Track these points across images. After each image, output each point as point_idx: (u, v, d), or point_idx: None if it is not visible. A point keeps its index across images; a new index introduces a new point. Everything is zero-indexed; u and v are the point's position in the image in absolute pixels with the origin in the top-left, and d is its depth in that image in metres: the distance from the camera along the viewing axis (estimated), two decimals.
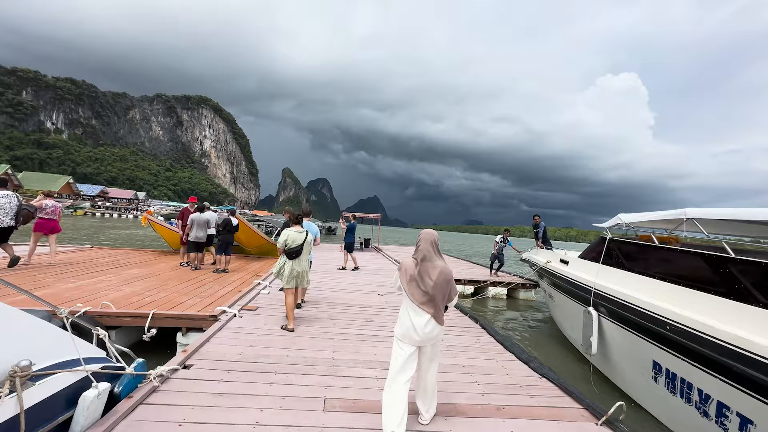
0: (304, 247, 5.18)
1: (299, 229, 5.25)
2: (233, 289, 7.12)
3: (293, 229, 5.22)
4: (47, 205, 8.38)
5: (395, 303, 7.26)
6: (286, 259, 5.10)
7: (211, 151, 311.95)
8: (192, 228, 8.96)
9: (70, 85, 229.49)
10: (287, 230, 5.18)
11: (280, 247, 5.11)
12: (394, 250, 21.52)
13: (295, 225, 5.33)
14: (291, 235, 5.10)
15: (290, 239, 5.07)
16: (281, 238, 5.11)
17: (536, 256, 9.34)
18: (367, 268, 12.40)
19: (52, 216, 8.46)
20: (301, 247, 5.12)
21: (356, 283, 9.18)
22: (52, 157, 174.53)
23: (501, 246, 12.66)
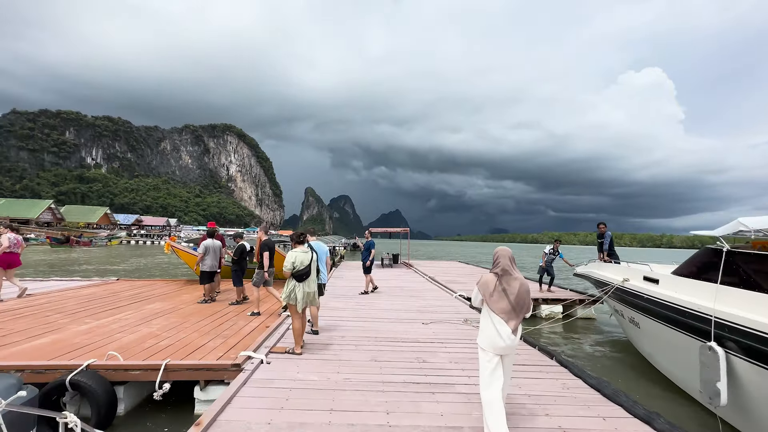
0: (312, 268, 5.05)
1: (304, 249, 5.05)
2: (260, 325, 6.30)
3: (299, 249, 5.01)
4: (10, 239, 7.78)
5: (444, 335, 6.20)
6: (295, 282, 4.90)
7: (236, 176, 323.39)
8: (206, 256, 8.13)
9: (107, 123, 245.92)
10: (293, 252, 4.94)
11: (287, 271, 4.85)
12: (426, 265, 20.34)
13: (298, 245, 5.09)
14: (298, 256, 4.89)
15: (297, 261, 4.86)
16: (288, 261, 4.85)
17: (600, 271, 8.03)
18: (401, 289, 11.37)
19: (14, 249, 7.87)
20: (309, 268, 4.98)
21: (394, 310, 8.17)
22: (92, 191, 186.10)
23: (550, 258, 11.34)
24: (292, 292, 4.88)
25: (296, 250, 4.99)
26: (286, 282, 4.99)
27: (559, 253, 11.44)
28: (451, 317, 7.53)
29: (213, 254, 8.15)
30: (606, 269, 7.74)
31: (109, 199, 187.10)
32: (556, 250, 11.43)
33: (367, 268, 10.52)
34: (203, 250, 8.03)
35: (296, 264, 4.85)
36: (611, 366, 6.99)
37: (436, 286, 12.29)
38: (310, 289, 4.99)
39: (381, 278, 14.15)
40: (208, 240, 8.28)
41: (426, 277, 14.63)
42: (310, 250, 5.17)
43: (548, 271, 11.43)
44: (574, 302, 10.46)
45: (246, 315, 7.03)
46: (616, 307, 7.19)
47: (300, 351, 4.89)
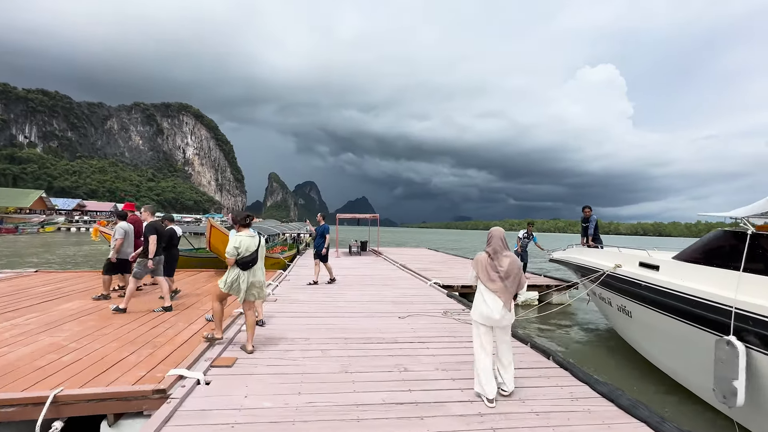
0: (260, 255, 4.47)
1: (251, 233, 4.43)
2: (204, 327, 5.19)
3: (244, 233, 4.37)
4: None
5: (424, 331, 5.44)
6: (239, 270, 4.30)
7: (194, 159, 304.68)
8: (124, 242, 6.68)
9: (42, 97, 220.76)
10: (238, 236, 4.30)
11: (230, 257, 4.23)
12: (396, 253, 19.68)
13: (243, 228, 4.43)
14: (244, 241, 4.28)
15: (243, 246, 4.25)
16: (231, 246, 4.22)
17: (584, 256, 7.62)
18: (372, 278, 10.53)
19: None
20: (256, 255, 4.39)
21: (366, 302, 7.31)
22: (26, 172, 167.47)
23: (524, 242, 10.93)
24: (234, 282, 4.28)
25: (241, 234, 4.34)
26: (227, 270, 4.33)
27: (533, 236, 11.07)
28: (429, 309, 6.80)
29: (128, 240, 6.78)
30: (592, 254, 7.32)
31: (46, 182, 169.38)
32: (530, 234, 11.00)
33: (322, 255, 9.19)
34: (122, 234, 6.62)
35: (241, 250, 4.23)
36: (597, 358, 6.62)
37: (409, 273, 11.59)
38: (256, 278, 4.40)
39: (349, 266, 13.26)
40: (124, 223, 6.85)
41: (397, 264, 13.91)
42: (257, 234, 4.50)
43: (522, 256, 11.00)
44: (550, 288, 10.17)
45: (189, 315, 5.86)
46: (603, 294, 6.80)
47: (251, 348, 4.31)
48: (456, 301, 7.53)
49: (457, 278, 10.58)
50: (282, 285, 8.86)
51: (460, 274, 11.68)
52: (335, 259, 15.77)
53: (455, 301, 7.54)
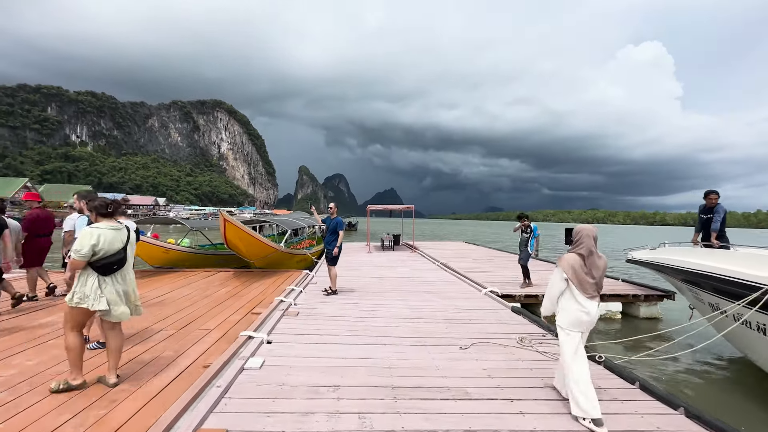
0: (129, 254, 3.36)
1: (114, 225, 3.27)
2: (205, 353, 3.80)
3: (105, 224, 3.21)
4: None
5: (501, 374, 3.75)
6: (97, 276, 3.09)
7: (228, 154, 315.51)
8: None
9: (90, 98, 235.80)
10: (94, 229, 3.11)
11: (80, 259, 3.02)
12: (432, 247, 17.89)
13: (104, 218, 3.26)
14: (104, 234, 3.12)
15: (103, 241, 3.09)
16: (85, 241, 3.03)
17: (701, 260, 5.57)
18: (412, 281, 8.91)
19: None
20: (124, 254, 3.26)
21: (410, 319, 5.69)
22: (79, 170, 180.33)
23: (523, 239, 8.33)
24: (94, 292, 3.04)
25: (102, 225, 3.18)
26: (77, 276, 3.08)
27: (534, 230, 8.31)
28: (496, 333, 5.09)
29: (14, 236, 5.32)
30: (722, 259, 5.26)
31: (96, 178, 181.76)
32: (526, 228, 8.31)
33: (334, 257, 7.22)
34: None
35: (99, 247, 3.06)
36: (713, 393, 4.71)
37: (454, 275, 9.85)
38: (125, 285, 3.26)
39: (384, 264, 11.72)
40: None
41: (437, 263, 12.18)
42: (124, 227, 3.34)
43: (519, 253, 8.47)
44: (638, 297, 8.10)
45: (186, 339, 4.52)
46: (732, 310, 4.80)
47: (114, 381, 3.18)
48: (528, 320, 5.75)
49: (511, 282, 8.74)
50: (307, 290, 7.44)
51: (510, 275, 9.80)
52: (367, 256, 14.30)
53: (527, 320, 5.76)
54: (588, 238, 3.05)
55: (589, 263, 2.98)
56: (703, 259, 5.66)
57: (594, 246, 3.03)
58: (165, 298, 6.56)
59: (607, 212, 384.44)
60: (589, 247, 3.01)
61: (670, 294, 7.97)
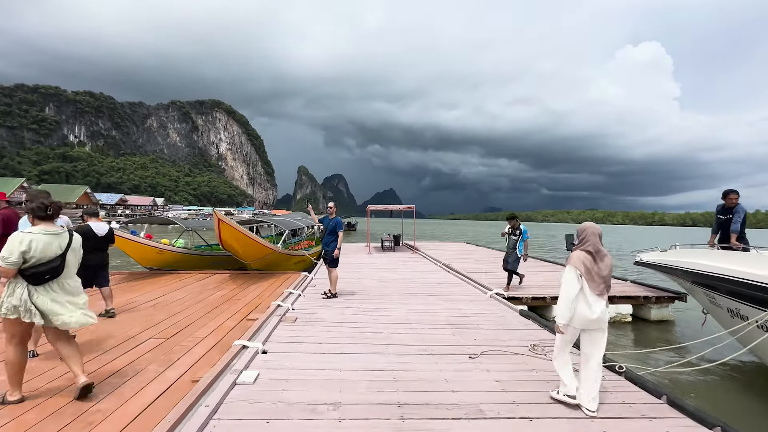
0: (71, 262, 2.97)
1: (53, 229, 2.91)
2: (195, 365, 3.50)
3: (40, 228, 2.85)
4: None
5: (516, 388, 3.46)
6: (27, 285, 2.74)
7: (227, 154, 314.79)
8: None
9: (88, 98, 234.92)
10: (26, 234, 2.77)
11: (8, 267, 2.68)
12: (432, 248, 17.59)
13: (43, 222, 2.92)
14: (37, 239, 2.77)
15: (35, 248, 2.74)
16: (14, 247, 2.69)
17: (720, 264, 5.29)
18: (414, 283, 8.61)
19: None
20: (63, 261, 2.88)
21: (414, 325, 5.40)
22: (77, 170, 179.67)
23: (511, 242, 7.76)
24: (23, 304, 2.72)
25: (33, 230, 2.83)
26: (6, 285, 2.78)
27: (523, 232, 7.69)
28: (506, 339, 4.80)
29: None
30: (750, 262, 4.98)
31: (95, 178, 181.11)
32: (515, 230, 7.75)
33: (333, 259, 6.82)
34: None
35: (30, 254, 2.73)
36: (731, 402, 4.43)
37: (457, 277, 9.57)
38: (68, 296, 2.91)
39: (385, 266, 11.43)
40: None
41: (439, 264, 11.90)
42: (65, 230, 3.02)
43: (507, 257, 7.78)
44: (649, 299, 7.83)
45: (173, 349, 4.22)
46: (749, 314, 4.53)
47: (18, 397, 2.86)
48: (538, 325, 5.45)
49: (523, 285, 8.45)
50: (306, 293, 7.14)
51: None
52: (367, 257, 14.01)
53: (537, 324, 5.47)
54: (593, 236, 3.04)
55: (598, 259, 2.99)
56: (722, 262, 5.39)
57: (600, 243, 3.05)
58: (157, 302, 6.26)
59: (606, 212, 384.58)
60: (595, 244, 3.02)
61: (681, 295, 7.70)
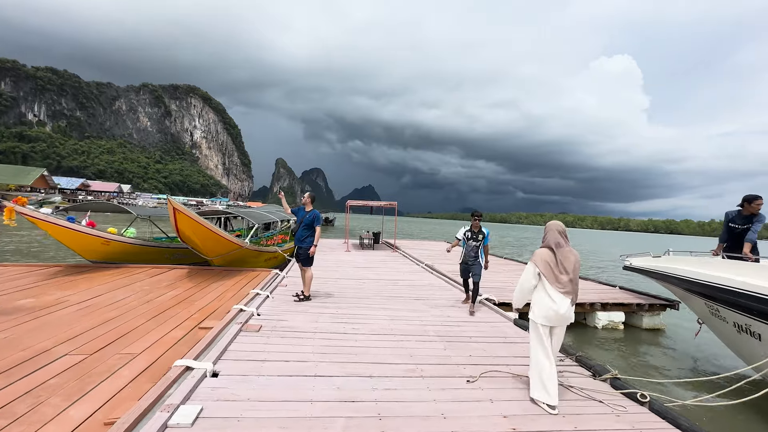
0: None
1: None
2: (115, 397, 2.60)
3: None
4: None
5: (526, 423, 2.82)
6: None
7: (201, 142, 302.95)
8: None
9: (51, 75, 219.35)
10: None
11: None
12: (413, 246, 17.01)
13: None
14: None
15: None
16: None
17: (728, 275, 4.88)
18: (396, 285, 7.89)
19: None
20: None
21: (400, 336, 4.67)
22: (35, 151, 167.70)
23: (471, 247, 5.94)
24: None
25: None
26: None
27: (486, 234, 5.94)
28: (505, 357, 4.15)
29: None
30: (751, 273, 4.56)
31: (56, 161, 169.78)
32: (478, 233, 5.90)
33: (307, 257, 5.95)
34: None
35: None
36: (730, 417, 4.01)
37: (441, 279, 8.93)
38: None
39: (364, 265, 10.66)
40: None
41: (421, 264, 11.25)
42: None
43: (468, 266, 6.00)
44: (642, 307, 7.46)
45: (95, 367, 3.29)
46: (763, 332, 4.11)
47: None
48: None
49: (507, 288, 7.92)
50: (275, 295, 6.27)
51: (505, 280, 9.01)
52: (345, 254, 13.19)
53: None
54: (553, 232, 3.12)
55: (559, 256, 3.01)
56: (732, 273, 4.96)
57: (562, 239, 3.08)
58: (90, 303, 5.21)
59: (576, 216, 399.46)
60: (555, 239, 3.08)
61: (674, 303, 7.39)
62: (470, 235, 5.95)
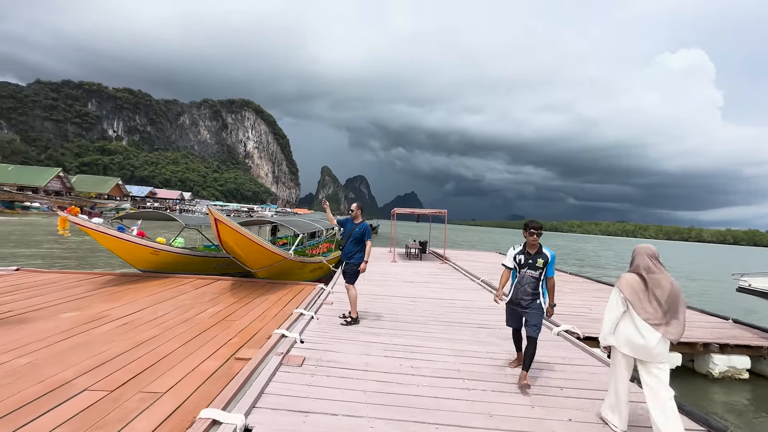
0: None
1: None
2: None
3: None
4: None
5: None
6: None
7: (253, 152, 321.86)
8: None
9: (128, 95, 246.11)
10: None
11: None
12: (464, 258, 15.78)
13: None
14: None
15: None
16: None
17: None
18: (454, 306, 6.90)
19: None
20: None
21: (471, 379, 3.76)
22: (114, 163, 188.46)
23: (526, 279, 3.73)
24: None
25: None
26: None
27: (550, 259, 3.74)
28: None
29: None
30: None
31: (129, 171, 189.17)
32: (535, 254, 3.74)
33: (354, 273, 5.31)
34: None
35: None
36: None
37: None
38: None
39: (414, 280, 9.77)
40: None
41: (476, 280, 10.12)
42: None
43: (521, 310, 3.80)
44: None
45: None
46: None
47: None
48: None
49: (586, 316, 6.62)
50: (320, 315, 5.62)
51: (581, 304, 7.65)
52: (391, 265, 12.42)
53: None
54: (642, 256, 2.84)
55: (651, 283, 2.72)
56: None
57: (653, 264, 2.78)
58: (130, 320, 4.90)
59: (637, 225, 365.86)
60: (645, 264, 2.79)
61: None
62: (523, 259, 3.73)
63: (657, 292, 2.69)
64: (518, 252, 3.83)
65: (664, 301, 2.67)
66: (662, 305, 2.67)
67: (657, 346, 2.65)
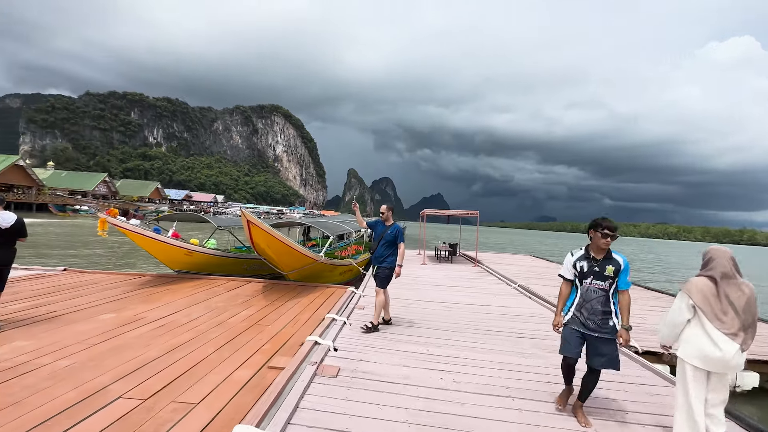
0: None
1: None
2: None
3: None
4: None
5: None
6: None
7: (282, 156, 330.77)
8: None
9: (166, 104, 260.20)
10: None
11: None
12: (497, 261, 15.18)
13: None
14: None
15: None
16: None
17: None
18: (492, 313, 6.50)
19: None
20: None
21: (520, 397, 3.42)
22: (154, 168, 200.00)
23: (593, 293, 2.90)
24: None
25: None
26: None
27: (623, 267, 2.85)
28: None
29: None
30: None
31: (168, 175, 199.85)
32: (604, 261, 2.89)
33: (386, 277, 5.06)
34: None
35: None
36: None
37: (544, 307, 7.28)
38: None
39: (447, 284, 9.39)
40: None
41: (513, 285, 9.60)
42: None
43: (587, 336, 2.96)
44: None
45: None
46: None
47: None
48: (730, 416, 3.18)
49: (644, 327, 6.02)
50: (352, 320, 5.42)
51: (639, 313, 7.00)
52: (421, 268, 12.10)
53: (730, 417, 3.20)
54: (721, 260, 2.51)
55: (726, 290, 2.45)
56: None
57: (731, 270, 2.47)
58: (165, 323, 4.90)
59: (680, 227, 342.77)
60: (723, 269, 2.48)
61: None
62: (587, 266, 2.94)
63: (734, 299, 2.46)
64: (579, 257, 3.00)
65: (742, 309, 2.44)
66: (739, 314, 2.44)
67: (734, 358, 2.43)
